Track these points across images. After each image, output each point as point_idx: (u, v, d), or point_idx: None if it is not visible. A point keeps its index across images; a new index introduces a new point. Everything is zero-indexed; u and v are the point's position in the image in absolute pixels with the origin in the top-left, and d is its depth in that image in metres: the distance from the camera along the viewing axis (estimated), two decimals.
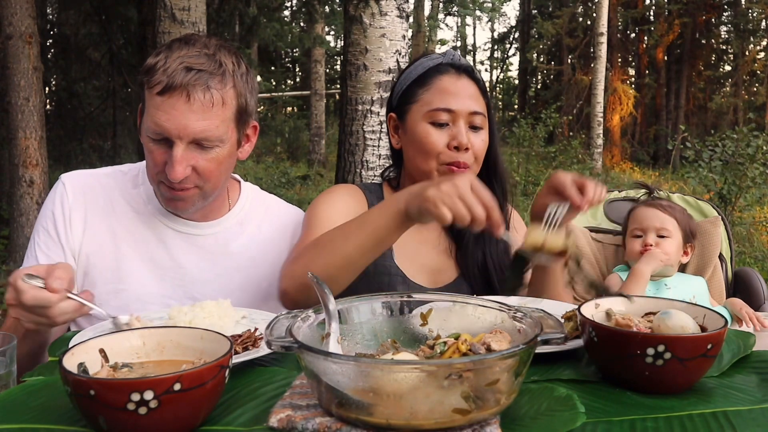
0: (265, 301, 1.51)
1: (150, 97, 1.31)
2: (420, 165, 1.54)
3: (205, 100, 1.30)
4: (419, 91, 1.55)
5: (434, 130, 1.51)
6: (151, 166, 1.36)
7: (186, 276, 1.46)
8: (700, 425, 0.82)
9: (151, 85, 1.30)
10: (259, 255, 1.53)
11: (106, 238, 1.44)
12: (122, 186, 1.49)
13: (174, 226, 1.47)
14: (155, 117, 1.30)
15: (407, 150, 1.59)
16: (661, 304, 1.07)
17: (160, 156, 1.32)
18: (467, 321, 0.97)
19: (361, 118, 3.97)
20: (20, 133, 5.35)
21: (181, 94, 1.29)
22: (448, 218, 1.14)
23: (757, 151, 6.75)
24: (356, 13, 3.90)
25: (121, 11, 8.10)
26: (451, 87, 1.53)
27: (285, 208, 1.64)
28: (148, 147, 1.34)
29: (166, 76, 1.29)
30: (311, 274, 0.99)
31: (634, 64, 20.06)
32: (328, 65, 19.91)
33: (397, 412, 0.75)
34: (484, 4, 26.84)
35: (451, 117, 1.51)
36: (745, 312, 1.87)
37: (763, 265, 6.10)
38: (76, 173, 1.50)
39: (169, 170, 1.30)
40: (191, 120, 1.29)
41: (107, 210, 1.45)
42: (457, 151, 1.50)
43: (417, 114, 1.54)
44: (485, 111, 1.56)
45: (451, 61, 1.57)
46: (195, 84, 1.29)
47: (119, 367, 0.86)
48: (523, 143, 11.21)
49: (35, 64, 5.36)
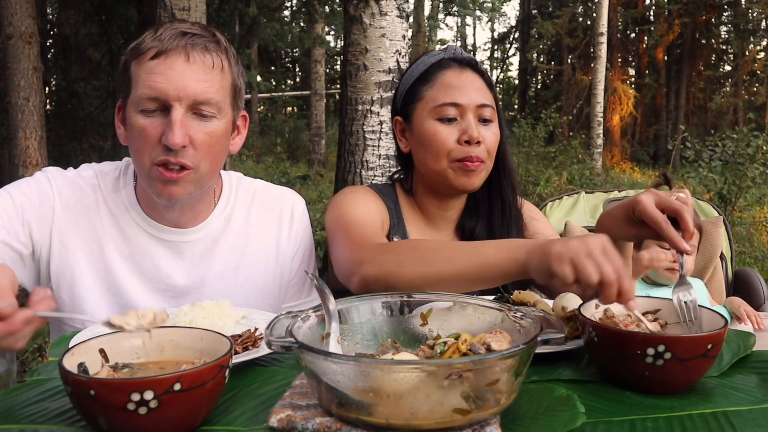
0: (264, 298, 1.45)
1: (140, 67, 1.21)
2: (431, 165, 1.49)
3: (205, 59, 1.22)
4: (423, 88, 1.51)
5: (442, 126, 1.46)
6: (143, 147, 1.23)
7: (176, 287, 1.38)
8: (700, 425, 0.81)
9: (141, 52, 1.21)
10: (250, 251, 1.45)
11: (94, 253, 1.34)
12: (103, 190, 1.36)
13: (158, 235, 1.36)
14: (149, 81, 1.19)
15: (417, 151, 1.54)
16: (661, 303, 1.07)
17: (155, 129, 1.21)
18: (467, 321, 0.97)
19: (361, 118, 3.97)
20: (20, 133, 5.35)
21: (179, 54, 1.20)
22: (570, 278, 1.00)
23: (757, 151, 6.74)
24: (356, 13, 3.90)
25: (121, 11, 8.09)
26: (455, 81, 1.48)
27: (275, 192, 1.53)
28: (138, 125, 1.22)
29: (159, 42, 1.20)
30: (310, 274, 0.99)
31: (634, 64, 20.05)
32: (328, 65, 19.90)
33: (397, 412, 0.75)
34: (484, 4, 26.83)
35: (459, 111, 1.46)
36: (743, 310, 1.87)
37: (763, 265, 6.10)
38: (61, 178, 1.36)
39: (169, 136, 1.19)
40: (191, 80, 1.20)
41: (90, 226, 1.34)
42: (469, 146, 1.45)
43: (423, 112, 1.50)
44: (493, 103, 1.51)
45: (453, 56, 1.53)
46: (194, 44, 1.22)
47: (119, 368, 0.86)
48: (523, 143, 11.20)
49: (35, 64, 5.37)
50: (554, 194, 7.45)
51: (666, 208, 1.11)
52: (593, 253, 0.98)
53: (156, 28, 1.24)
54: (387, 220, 1.54)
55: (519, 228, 1.60)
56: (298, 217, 1.52)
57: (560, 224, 2.27)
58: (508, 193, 1.57)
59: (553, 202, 2.41)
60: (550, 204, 2.41)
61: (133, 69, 1.23)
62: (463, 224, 1.60)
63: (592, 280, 0.97)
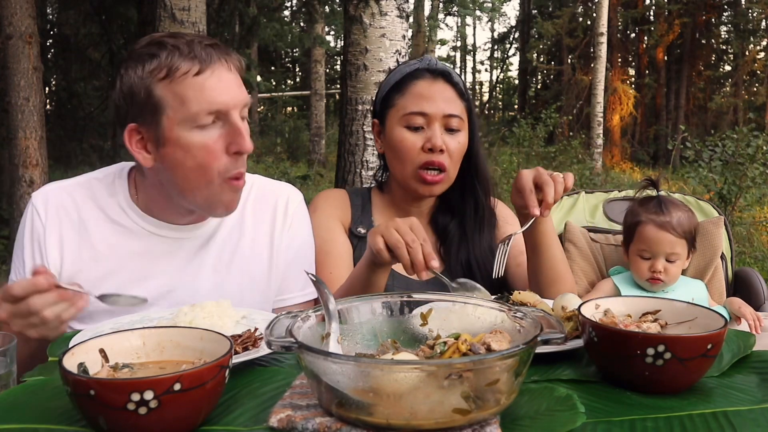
0: (261, 292, 1.47)
1: (181, 85, 1.21)
2: (397, 169, 1.62)
3: (240, 67, 1.30)
4: (396, 96, 1.62)
5: (409, 134, 1.58)
6: (209, 162, 1.25)
7: (173, 282, 1.41)
8: (700, 425, 0.82)
9: (177, 71, 1.21)
10: (245, 245, 1.47)
11: (86, 257, 1.37)
12: (96, 196, 1.40)
13: (157, 231, 1.40)
14: (205, 97, 1.22)
15: (388, 155, 1.66)
16: (660, 303, 1.07)
17: (216, 142, 1.24)
18: (467, 321, 0.97)
19: (361, 118, 3.97)
20: (20, 133, 5.34)
21: (222, 65, 1.25)
22: (379, 247, 1.24)
23: (757, 151, 6.74)
24: (356, 13, 3.90)
25: (121, 11, 8.10)
26: (425, 91, 1.59)
27: (271, 186, 1.55)
28: (197, 142, 1.23)
29: (195, 58, 1.22)
30: (311, 274, 0.99)
31: (634, 64, 20.05)
32: (328, 65, 19.90)
33: (397, 412, 0.75)
34: (484, 4, 26.85)
35: (426, 120, 1.57)
36: (743, 311, 1.87)
37: (763, 265, 6.10)
38: (49, 190, 1.41)
39: (242, 143, 1.25)
40: (238, 88, 1.27)
41: (84, 227, 1.38)
42: (432, 153, 1.56)
43: (394, 119, 1.60)
44: (463, 113, 1.60)
45: (428, 66, 1.63)
46: (227, 54, 1.28)
47: (119, 368, 0.86)
48: (523, 143, 11.19)
49: (35, 64, 5.36)
50: None
51: (536, 180, 1.37)
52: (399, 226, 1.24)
53: (175, 45, 1.23)
54: (348, 214, 1.70)
55: (491, 226, 1.72)
56: (293, 210, 1.53)
57: (560, 224, 2.26)
58: (480, 195, 1.69)
59: None
60: None
61: (164, 90, 1.22)
62: (437, 218, 1.71)
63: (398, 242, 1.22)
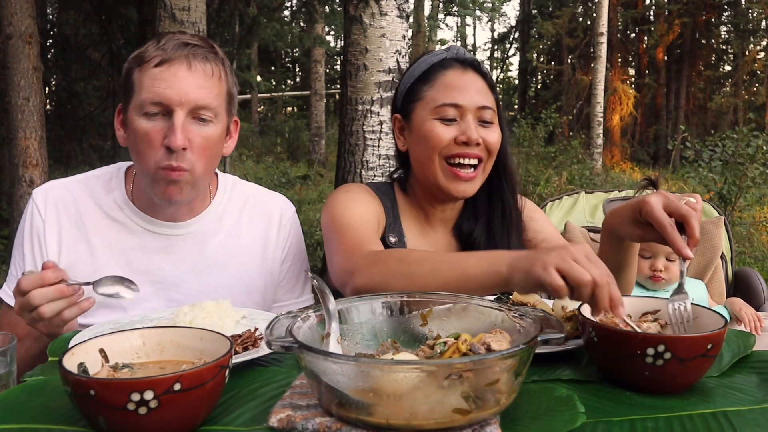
0: (249, 295, 1.51)
1: (143, 73, 1.30)
2: (424, 163, 1.49)
3: (206, 68, 1.32)
4: (424, 88, 1.50)
5: (442, 125, 1.46)
6: (146, 150, 1.31)
7: (166, 278, 1.44)
8: (700, 425, 0.81)
9: (146, 60, 1.30)
10: (239, 250, 1.51)
11: (82, 250, 1.42)
12: (94, 193, 1.45)
13: (151, 228, 1.44)
14: (153, 87, 1.29)
15: (413, 150, 1.53)
16: (661, 303, 1.07)
17: (157, 132, 1.30)
18: (467, 321, 0.97)
19: (361, 118, 3.98)
20: (20, 133, 5.34)
21: (182, 63, 1.30)
22: (559, 282, 0.96)
23: (757, 151, 6.74)
24: (356, 13, 3.90)
25: (121, 11, 8.10)
26: (456, 81, 1.47)
27: (267, 197, 1.60)
28: (141, 128, 1.31)
29: (163, 51, 1.30)
30: (311, 274, 0.99)
31: (634, 64, 20.05)
32: (328, 65, 19.89)
33: (397, 412, 0.75)
34: (484, 4, 26.83)
35: (459, 112, 1.45)
36: (744, 313, 1.87)
37: (763, 265, 6.11)
38: (49, 186, 1.47)
39: (171, 138, 1.28)
40: (192, 87, 1.30)
41: (81, 221, 1.43)
42: (467, 147, 1.44)
43: (423, 111, 1.49)
44: (494, 106, 1.49)
45: (456, 56, 1.52)
46: (195, 54, 1.32)
47: (119, 368, 0.86)
48: (523, 143, 11.19)
49: (35, 64, 5.36)
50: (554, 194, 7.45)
51: (673, 212, 1.08)
52: (578, 257, 0.97)
53: (159, 38, 1.33)
54: (383, 219, 1.53)
55: (519, 230, 1.59)
56: (287, 222, 1.59)
57: (560, 224, 2.27)
58: (508, 196, 1.56)
59: (552, 202, 2.41)
60: (549, 204, 2.41)
61: (136, 75, 1.32)
62: (461, 225, 1.59)
63: (585, 278, 0.94)
